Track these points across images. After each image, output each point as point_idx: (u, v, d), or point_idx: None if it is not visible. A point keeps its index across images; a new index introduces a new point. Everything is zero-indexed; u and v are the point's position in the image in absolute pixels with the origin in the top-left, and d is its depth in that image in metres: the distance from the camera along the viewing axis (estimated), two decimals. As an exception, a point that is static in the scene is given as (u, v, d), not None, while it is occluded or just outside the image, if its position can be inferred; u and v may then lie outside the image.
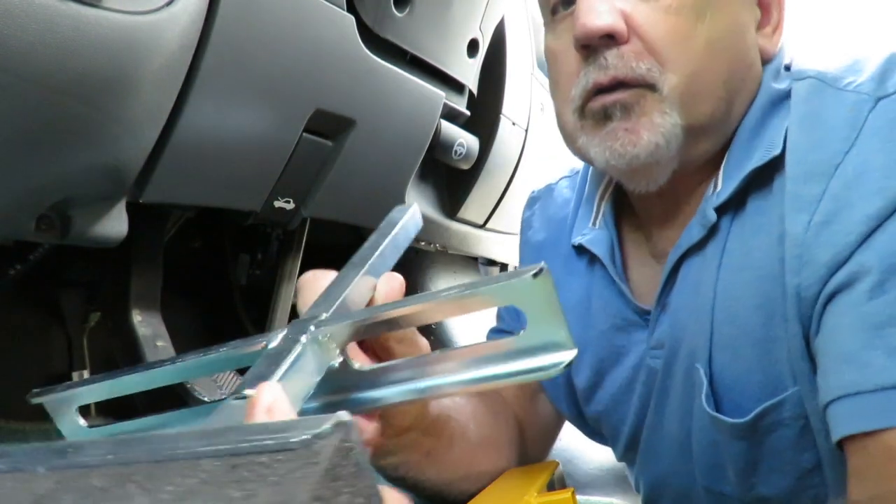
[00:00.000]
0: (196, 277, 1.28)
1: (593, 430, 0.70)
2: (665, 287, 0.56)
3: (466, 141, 1.05)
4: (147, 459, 0.21)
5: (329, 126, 0.80)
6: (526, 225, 0.77)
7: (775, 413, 0.50)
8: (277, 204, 0.83)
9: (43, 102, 0.50)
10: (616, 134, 0.52)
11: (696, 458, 0.56)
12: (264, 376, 0.28)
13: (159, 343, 0.96)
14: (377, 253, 0.37)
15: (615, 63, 0.51)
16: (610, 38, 0.50)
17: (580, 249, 0.64)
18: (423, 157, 0.98)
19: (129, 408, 0.76)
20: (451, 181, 1.22)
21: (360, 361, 0.36)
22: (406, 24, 0.82)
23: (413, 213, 0.43)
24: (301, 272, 1.08)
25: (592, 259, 0.62)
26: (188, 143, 0.66)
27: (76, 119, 0.53)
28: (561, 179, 0.77)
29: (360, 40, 0.76)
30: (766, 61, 0.56)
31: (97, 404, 0.34)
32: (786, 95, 0.54)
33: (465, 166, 1.12)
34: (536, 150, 1.33)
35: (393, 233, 0.40)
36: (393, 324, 0.31)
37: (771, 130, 0.53)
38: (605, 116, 0.53)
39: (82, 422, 0.38)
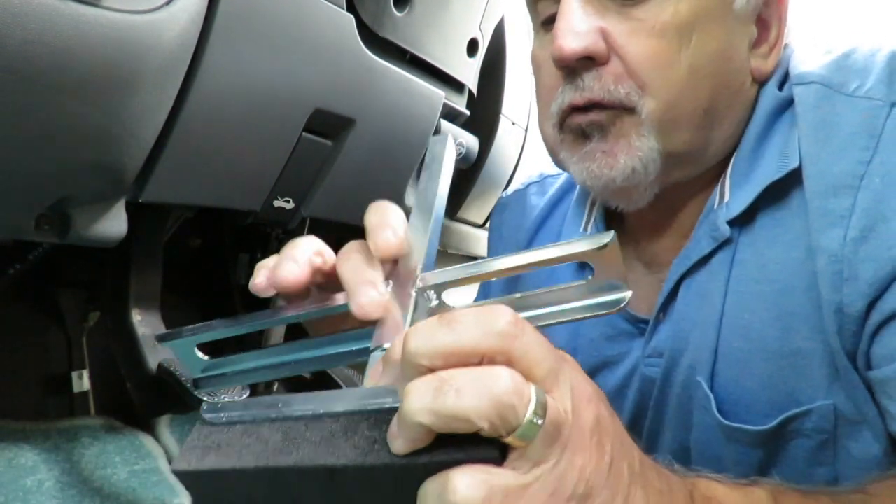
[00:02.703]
0: (196, 277, 1.28)
1: None
2: (667, 297, 0.55)
3: (466, 141, 1.05)
4: (356, 412, 0.29)
5: (329, 125, 0.80)
6: (496, 234, 0.77)
7: (798, 422, 0.49)
8: (277, 203, 0.83)
9: (42, 102, 0.50)
10: (593, 155, 0.51)
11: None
12: (393, 330, 0.34)
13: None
14: (437, 195, 0.42)
15: (591, 85, 0.49)
16: (589, 60, 0.49)
17: None
18: (422, 156, 0.98)
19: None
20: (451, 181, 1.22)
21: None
22: (406, 24, 0.82)
23: (450, 143, 0.46)
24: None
25: (582, 266, 0.62)
26: (188, 143, 0.66)
27: (76, 118, 0.53)
28: (530, 185, 0.76)
29: (359, 40, 0.76)
30: (760, 81, 0.54)
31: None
32: (788, 101, 0.52)
33: (465, 166, 1.12)
34: (536, 150, 1.33)
35: (443, 171, 0.44)
36: (482, 277, 0.36)
37: (778, 139, 0.51)
38: (583, 135, 0.52)
39: (202, 355, 0.43)
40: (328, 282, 0.40)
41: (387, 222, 0.37)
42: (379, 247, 0.36)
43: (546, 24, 0.55)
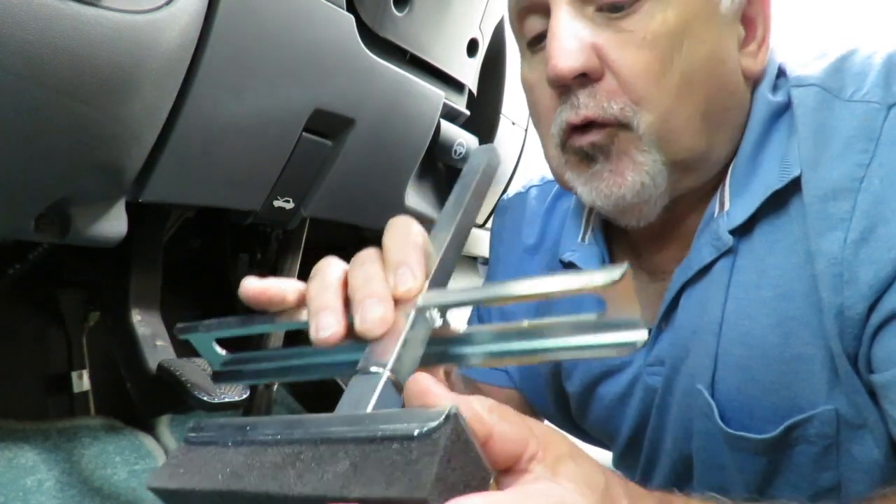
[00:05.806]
0: (196, 277, 1.28)
1: (586, 435, 0.69)
2: (668, 306, 0.55)
3: (466, 141, 1.05)
4: (307, 440, 0.29)
5: (329, 126, 0.80)
6: (497, 238, 0.76)
7: (801, 429, 0.49)
8: (277, 203, 0.83)
9: (42, 102, 0.50)
10: (601, 175, 0.51)
11: (697, 477, 0.56)
12: (387, 348, 0.33)
13: (159, 343, 0.96)
14: (462, 210, 0.41)
15: (587, 102, 0.49)
16: (584, 77, 0.49)
17: (569, 266, 0.62)
18: (422, 156, 0.98)
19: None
20: (451, 181, 1.22)
21: None
22: (406, 24, 0.82)
23: (491, 156, 0.45)
24: (301, 272, 1.08)
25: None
26: (188, 143, 0.66)
27: (76, 118, 0.53)
28: (531, 188, 0.76)
29: (359, 40, 0.76)
30: (753, 80, 0.54)
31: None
32: (786, 106, 0.52)
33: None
34: (536, 150, 1.33)
35: (474, 183, 0.43)
36: (486, 301, 0.36)
37: (777, 145, 0.51)
38: (587, 157, 0.52)
39: (220, 350, 0.45)
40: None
41: (408, 260, 0.35)
42: (398, 288, 0.34)
43: (532, 44, 0.55)
